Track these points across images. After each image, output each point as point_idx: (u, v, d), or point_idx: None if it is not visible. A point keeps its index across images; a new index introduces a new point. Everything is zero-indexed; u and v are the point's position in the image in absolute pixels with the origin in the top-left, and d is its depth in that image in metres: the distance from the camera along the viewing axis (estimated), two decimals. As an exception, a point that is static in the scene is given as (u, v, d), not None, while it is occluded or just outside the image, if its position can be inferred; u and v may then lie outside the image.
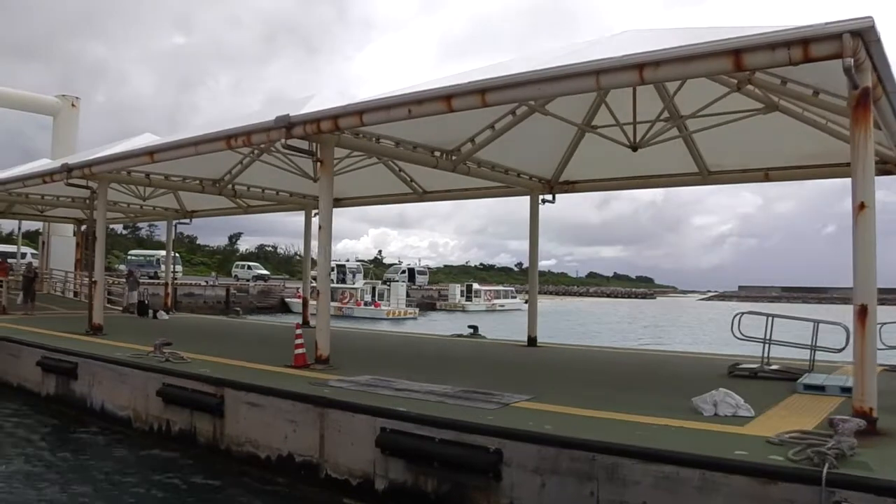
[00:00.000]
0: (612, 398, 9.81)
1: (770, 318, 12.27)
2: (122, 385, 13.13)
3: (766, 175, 15.29)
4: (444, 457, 8.15)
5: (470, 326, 21.62)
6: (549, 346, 18.33)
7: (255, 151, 18.02)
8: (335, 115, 11.18)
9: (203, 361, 13.11)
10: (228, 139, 13.07)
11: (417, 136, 14.33)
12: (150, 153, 15.01)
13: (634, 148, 13.29)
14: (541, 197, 17.79)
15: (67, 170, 17.50)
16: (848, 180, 8.04)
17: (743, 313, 12.68)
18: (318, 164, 12.73)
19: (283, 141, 11.86)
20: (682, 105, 13.12)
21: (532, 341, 17.79)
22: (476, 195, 19.33)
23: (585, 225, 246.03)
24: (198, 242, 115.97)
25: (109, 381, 13.47)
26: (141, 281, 31.73)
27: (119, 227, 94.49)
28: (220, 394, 11.03)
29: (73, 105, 36.46)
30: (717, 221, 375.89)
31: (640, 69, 8.31)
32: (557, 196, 17.88)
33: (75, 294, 32.33)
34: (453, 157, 15.02)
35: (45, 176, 18.55)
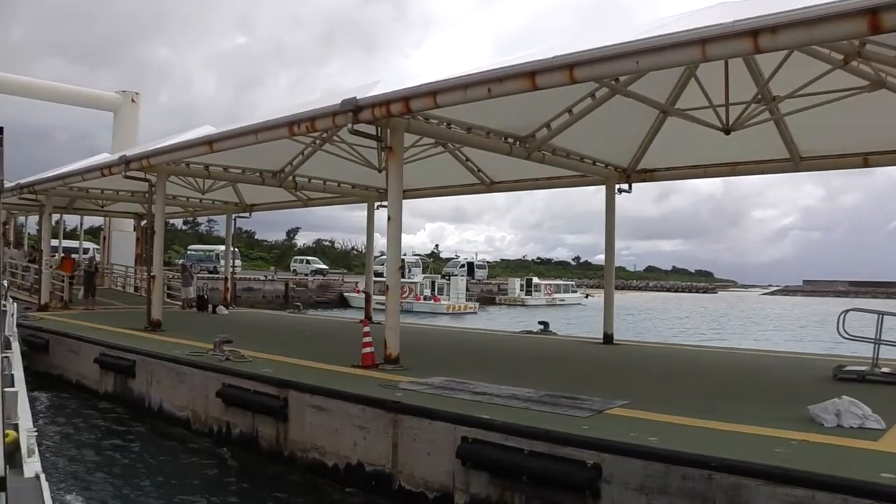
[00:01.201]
0: (714, 405, 8.84)
1: (881, 317, 11.18)
2: (180, 384, 12.55)
3: (866, 160, 14.11)
4: (534, 471, 7.28)
5: (540, 322, 20.69)
6: (627, 343, 17.30)
7: (318, 141, 17.33)
8: (407, 97, 10.37)
9: (265, 360, 12.46)
10: (291, 125, 12.37)
11: (490, 121, 13.48)
12: (210, 142, 14.41)
13: (727, 131, 12.22)
14: (617, 186, 16.79)
15: (126, 162, 17.07)
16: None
17: (849, 310, 11.57)
18: (387, 151, 11.91)
19: (349, 126, 11.12)
20: (774, 85, 12.01)
21: (608, 338, 16.77)
22: (547, 185, 18.39)
23: (643, 218, 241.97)
24: (256, 237, 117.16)
25: (167, 379, 12.92)
26: (197, 275, 31.42)
27: (178, 223, 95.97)
28: (283, 396, 10.33)
29: (132, 101, 36.48)
30: (778, 214, 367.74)
31: (755, 36, 7.29)
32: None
33: (136, 289, 32.22)
34: (527, 144, 14.13)
35: (104, 168, 18.19)
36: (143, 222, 29.84)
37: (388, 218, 11.75)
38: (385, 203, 22.60)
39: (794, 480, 5.85)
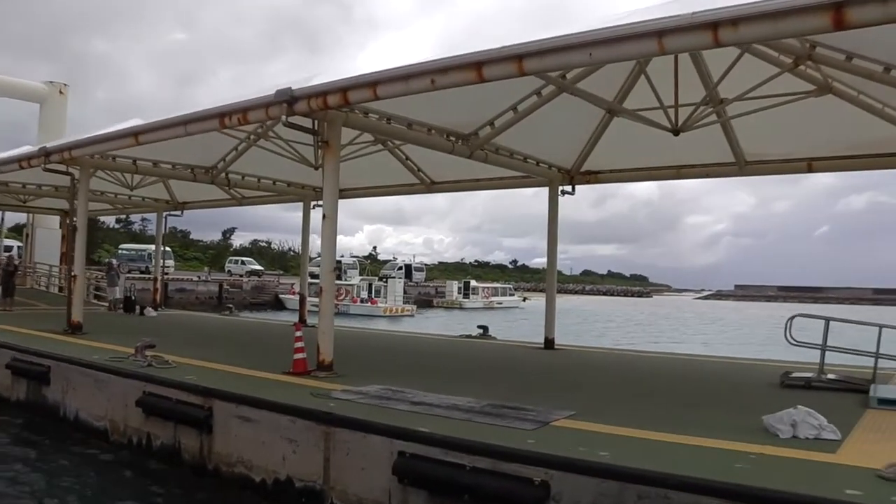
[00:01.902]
0: (667, 415, 8.48)
1: (827, 323, 10.97)
2: (98, 392, 11.68)
3: (810, 165, 14.06)
4: (476, 488, 6.75)
5: (479, 326, 20.18)
6: (568, 348, 16.93)
7: (252, 136, 16.55)
8: (345, 87, 9.77)
9: (190, 366, 11.71)
10: (222, 117, 11.66)
11: (432, 117, 12.98)
12: (135, 134, 13.56)
13: (676, 132, 11.94)
14: (560, 188, 16.43)
15: (45, 154, 16.03)
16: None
17: (795, 316, 11.35)
18: (324, 146, 11.28)
19: (284, 118, 10.44)
20: (723, 88, 11.77)
21: (549, 343, 16.40)
22: (489, 186, 17.97)
23: (581, 223, 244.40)
24: (191, 237, 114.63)
25: (85, 387, 12.02)
26: (125, 275, 30.20)
27: (111, 221, 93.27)
28: (207, 405, 9.61)
29: (60, 92, 34.82)
30: (711, 220, 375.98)
31: (715, 29, 6.92)
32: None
33: (60, 289, 30.83)
34: (470, 142, 13.65)
35: (22, 161, 17.04)
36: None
37: (323, 216, 11.12)
38: (321, 202, 22.14)
39: (761, 499, 5.47)
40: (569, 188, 16.47)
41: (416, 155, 17.00)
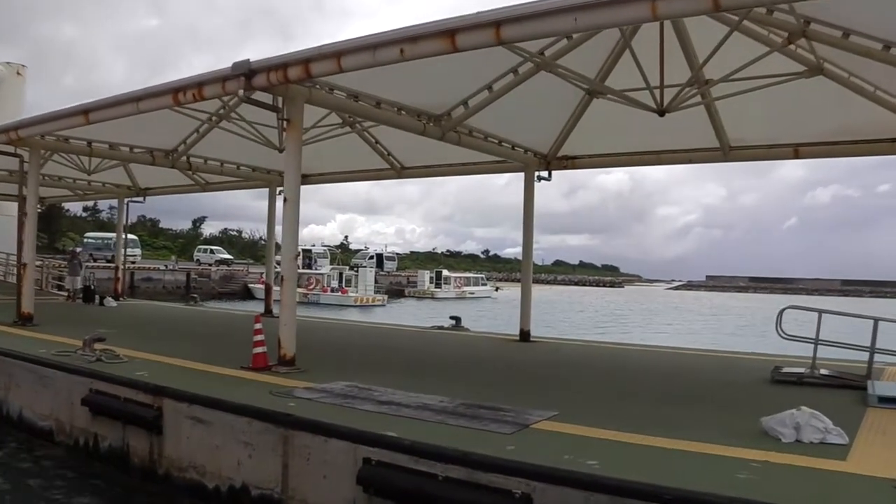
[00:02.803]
0: (656, 415, 7.86)
1: (820, 316, 10.40)
2: (43, 389, 10.81)
3: (796, 151, 13.51)
4: (450, 501, 6.08)
5: (452, 317, 19.48)
6: (544, 340, 16.25)
7: (214, 118, 15.65)
8: (307, 59, 9.01)
9: (143, 361, 10.91)
10: (176, 93, 10.83)
11: (402, 96, 12.23)
12: (85, 112, 12.65)
13: (662, 112, 11.25)
14: (536, 174, 15.74)
15: (-9, 134, 15.08)
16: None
17: (786, 308, 10.78)
18: (285, 125, 10.47)
19: (241, 93, 9.65)
20: (709, 69, 11.11)
21: (525, 335, 15.71)
22: (462, 171, 17.24)
23: (552, 213, 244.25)
24: (160, 226, 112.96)
25: (28, 383, 11.14)
26: (86, 264, 29.07)
27: (78, 209, 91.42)
28: (157, 405, 8.81)
29: (18, 73, 33.84)
30: (681, 212, 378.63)
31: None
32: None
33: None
34: (442, 123, 12.91)
35: (-34, 141, 16.02)
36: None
37: (284, 199, 10.34)
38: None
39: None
40: (545, 174, 15.79)
41: (386, 139, 16.23)
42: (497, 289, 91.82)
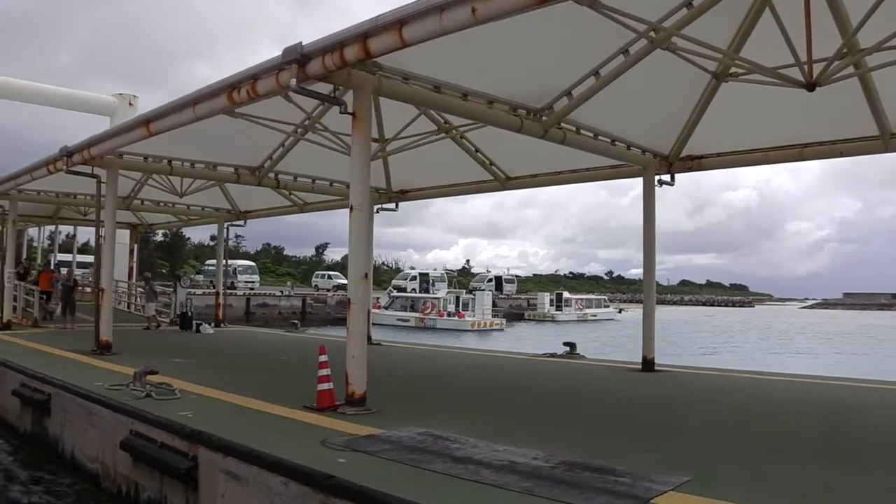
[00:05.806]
0: (832, 484, 5.72)
1: None
2: (90, 427, 9.60)
3: None
4: None
5: (566, 344, 17.39)
6: (670, 370, 13.97)
7: (299, 130, 14.31)
8: (364, 33, 7.39)
9: (199, 397, 9.57)
10: (230, 90, 9.45)
11: (493, 86, 10.48)
12: (147, 122, 11.53)
13: (812, 86, 9.06)
14: (657, 178, 13.67)
15: (67, 154, 14.24)
16: None
17: None
18: (352, 119, 8.86)
19: (293, 83, 8.14)
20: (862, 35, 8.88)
21: (649, 364, 13.55)
22: (571, 179, 15.34)
23: (677, 231, 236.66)
24: (285, 253, 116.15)
25: (78, 420, 9.99)
26: (187, 289, 28.61)
27: (204, 237, 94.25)
28: (193, 453, 7.33)
29: (130, 104, 34.36)
30: (813, 227, 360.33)
31: None
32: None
33: (127, 306, 29.65)
34: (543, 118, 11.09)
35: (49, 164, 15.31)
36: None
37: (351, 208, 8.70)
38: (390, 205, 19.86)
39: None
40: (667, 178, 13.70)
41: (487, 146, 14.55)
42: (620, 310, 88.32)
